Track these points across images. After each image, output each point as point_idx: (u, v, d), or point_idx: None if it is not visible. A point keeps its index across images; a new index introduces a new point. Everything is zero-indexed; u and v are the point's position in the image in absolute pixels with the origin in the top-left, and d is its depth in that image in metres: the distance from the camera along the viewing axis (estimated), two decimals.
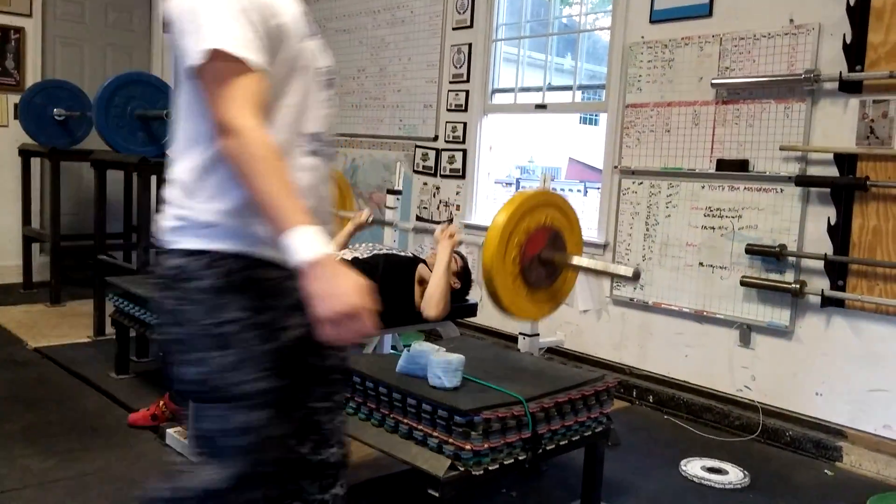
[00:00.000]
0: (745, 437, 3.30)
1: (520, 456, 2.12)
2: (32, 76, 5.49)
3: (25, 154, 5.29)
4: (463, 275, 3.14)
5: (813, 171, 3.19)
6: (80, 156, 4.89)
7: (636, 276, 2.34)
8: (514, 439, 2.09)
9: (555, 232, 2.36)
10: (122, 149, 4.30)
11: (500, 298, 2.23)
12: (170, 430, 2.84)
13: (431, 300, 2.76)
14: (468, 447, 1.98)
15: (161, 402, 2.95)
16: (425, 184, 4.92)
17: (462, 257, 3.17)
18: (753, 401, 3.36)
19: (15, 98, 5.31)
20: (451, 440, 2.02)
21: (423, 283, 2.94)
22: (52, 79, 5.47)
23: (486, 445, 2.00)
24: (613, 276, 3.52)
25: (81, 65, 5.87)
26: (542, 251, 2.32)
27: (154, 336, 1.69)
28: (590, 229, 4.18)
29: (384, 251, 3.01)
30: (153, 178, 4.17)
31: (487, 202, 4.70)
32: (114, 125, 4.30)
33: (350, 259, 2.89)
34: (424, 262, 3.05)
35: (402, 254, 3.05)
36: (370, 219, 3.35)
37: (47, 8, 5.63)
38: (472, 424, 1.98)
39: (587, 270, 2.49)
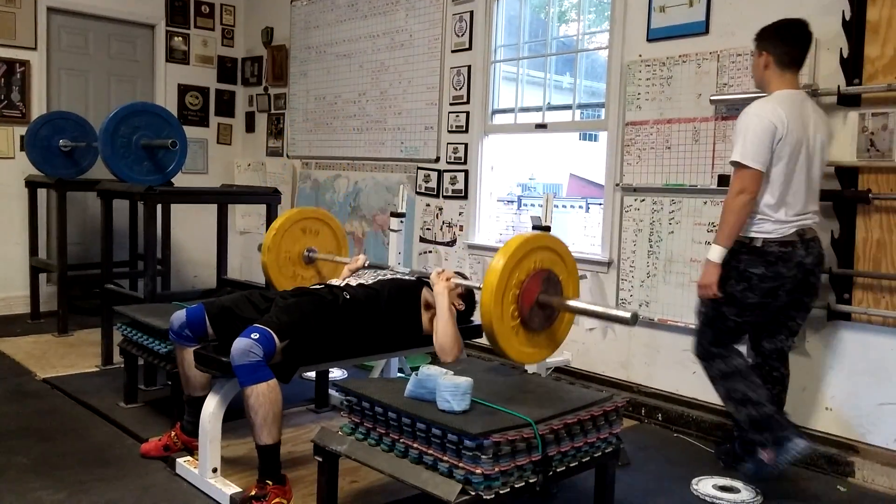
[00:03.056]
0: None
1: (530, 479, 2.12)
2: (38, 108, 5.55)
3: (32, 185, 5.34)
4: (467, 297, 3.14)
5: None
6: (86, 186, 4.93)
7: (634, 320, 2.29)
8: (525, 462, 2.09)
9: (547, 273, 2.35)
10: (127, 178, 4.34)
11: (505, 353, 2.33)
12: (180, 460, 2.84)
13: (444, 347, 2.74)
14: (479, 471, 1.98)
15: (173, 433, 2.95)
16: (428, 205, 4.95)
17: (465, 278, 3.17)
18: None
19: (21, 130, 5.36)
20: (461, 464, 2.02)
21: (429, 307, 2.95)
22: (57, 110, 5.53)
23: (496, 469, 2.00)
24: (611, 320, 3.46)
25: (86, 95, 5.94)
26: (539, 296, 2.33)
27: None
28: (593, 246, 4.20)
29: (389, 276, 3.02)
30: (158, 207, 4.20)
31: (490, 221, 4.72)
32: (119, 155, 4.33)
33: (355, 285, 2.90)
34: (428, 284, 3.07)
35: (407, 277, 3.07)
36: (366, 263, 3.40)
37: (52, 40, 5.70)
38: (482, 448, 1.99)
39: (585, 313, 2.50)
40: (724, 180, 3.45)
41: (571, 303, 2.40)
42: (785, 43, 2.87)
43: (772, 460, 2.80)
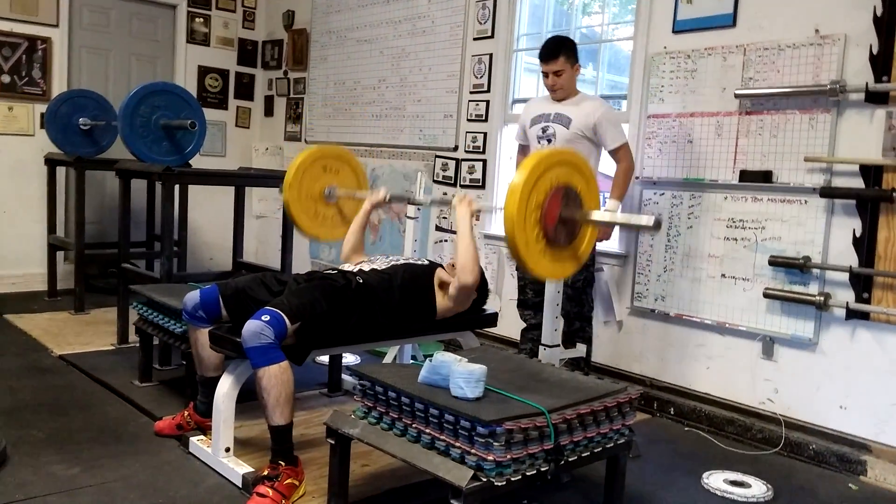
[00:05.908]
0: (767, 450, 3.27)
1: (542, 467, 2.12)
2: (58, 86, 5.57)
3: (51, 163, 5.37)
4: (480, 284, 3.12)
5: (838, 182, 3.16)
6: (104, 165, 4.94)
7: (657, 226, 2.31)
8: (537, 450, 2.09)
9: (565, 189, 2.31)
10: (146, 158, 4.34)
11: (537, 275, 2.34)
12: (193, 439, 2.85)
13: (465, 266, 2.79)
14: (491, 458, 1.98)
15: (186, 413, 2.97)
16: (445, 193, 4.93)
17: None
18: (776, 413, 3.33)
19: (41, 107, 5.38)
20: (473, 450, 2.02)
21: (444, 285, 2.94)
22: (77, 88, 5.55)
23: (508, 456, 2.00)
24: (635, 228, 3.46)
25: (106, 74, 5.96)
26: (561, 212, 2.29)
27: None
28: (611, 239, 4.16)
29: (402, 261, 3.01)
30: (176, 188, 4.21)
31: None
32: (138, 134, 4.33)
33: (368, 270, 2.89)
34: (442, 266, 3.06)
35: (420, 262, 3.06)
36: (387, 196, 3.37)
37: (73, 18, 5.72)
38: (495, 435, 1.98)
39: (607, 223, 2.46)
40: (746, 176, 3.42)
41: (593, 215, 2.37)
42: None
43: None
